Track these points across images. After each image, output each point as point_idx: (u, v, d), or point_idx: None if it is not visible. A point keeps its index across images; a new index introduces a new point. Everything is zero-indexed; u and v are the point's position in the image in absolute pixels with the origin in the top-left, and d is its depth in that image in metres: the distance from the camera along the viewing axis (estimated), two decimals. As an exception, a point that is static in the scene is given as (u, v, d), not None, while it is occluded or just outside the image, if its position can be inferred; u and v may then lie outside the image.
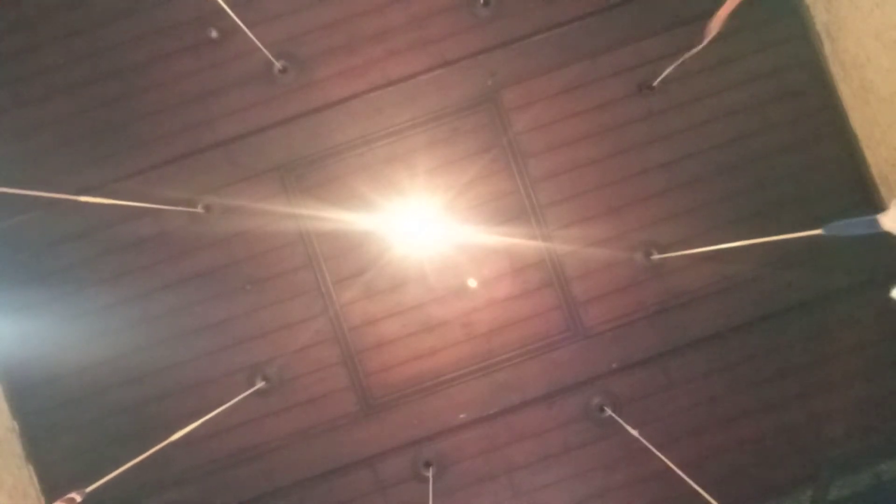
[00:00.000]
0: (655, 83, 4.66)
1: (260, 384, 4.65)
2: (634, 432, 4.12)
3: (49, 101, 4.74)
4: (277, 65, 4.67)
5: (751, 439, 4.79)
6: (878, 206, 4.78)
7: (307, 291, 4.77)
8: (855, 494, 4.74)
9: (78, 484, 2.67)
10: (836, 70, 4.76)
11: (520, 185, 4.81)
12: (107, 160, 4.74)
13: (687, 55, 4.00)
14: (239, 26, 3.75)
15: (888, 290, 4.67)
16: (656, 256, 4.71)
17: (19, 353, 4.66)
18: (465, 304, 4.82)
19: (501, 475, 4.77)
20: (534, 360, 4.77)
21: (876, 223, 2.31)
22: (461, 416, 4.75)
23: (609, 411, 4.66)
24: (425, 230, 4.80)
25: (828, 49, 4.75)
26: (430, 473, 4.60)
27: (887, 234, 2.38)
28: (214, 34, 4.69)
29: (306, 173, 4.81)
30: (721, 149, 4.83)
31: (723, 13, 3.24)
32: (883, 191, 4.71)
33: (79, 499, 2.46)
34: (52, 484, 4.61)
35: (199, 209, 4.69)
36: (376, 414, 4.75)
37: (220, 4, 3.26)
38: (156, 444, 3.20)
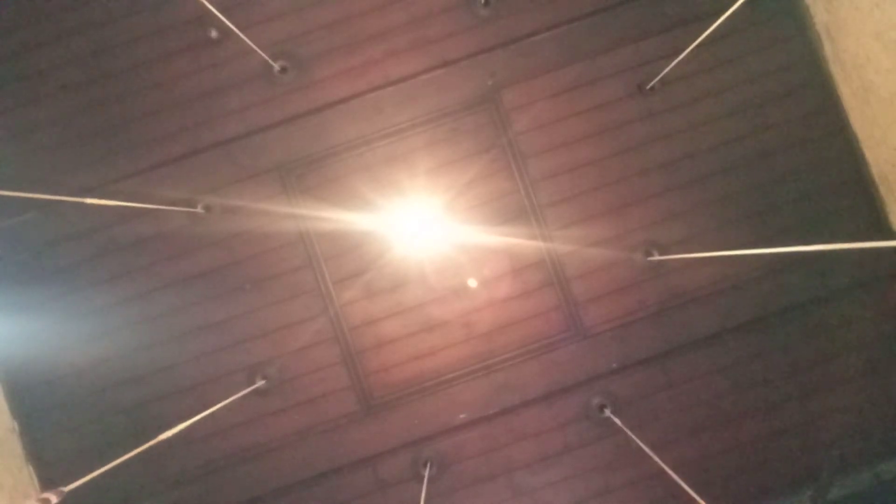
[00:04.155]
0: (654, 83, 4.67)
1: (260, 384, 4.65)
2: (631, 434, 4.13)
3: (49, 101, 4.75)
4: (277, 65, 4.67)
5: (751, 439, 4.79)
6: (879, 207, 4.78)
7: (307, 291, 4.77)
8: (855, 494, 4.74)
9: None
10: (836, 70, 4.76)
11: (520, 185, 4.81)
12: (107, 160, 4.74)
13: (687, 51, 4.00)
14: (240, 26, 3.75)
15: (889, 290, 4.67)
16: (656, 257, 4.71)
17: (19, 353, 4.66)
18: (465, 304, 4.82)
19: (501, 475, 4.77)
20: (534, 360, 4.77)
21: None
22: (461, 416, 4.75)
23: (609, 411, 4.66)
24: (425, 230, 4.80)
25: (828, 49, 4.76)
26: (425, 473, 4.60)
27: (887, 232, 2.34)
28: (214, 34, 4.70)
29: (306, 173, 4.81)
30: (721, 149, 4.83)
31: None
32: (883, 191, 4.72)
33: (55, 499, 2.40)
34: (52, 484, 4.61)
35: (199, 209, 4.69)
36: (376, 414, 4.75)
37: (222, 3, 3.26)
38: (155, 445, 3.20)
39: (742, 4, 3.18)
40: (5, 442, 4.48)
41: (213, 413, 4.66)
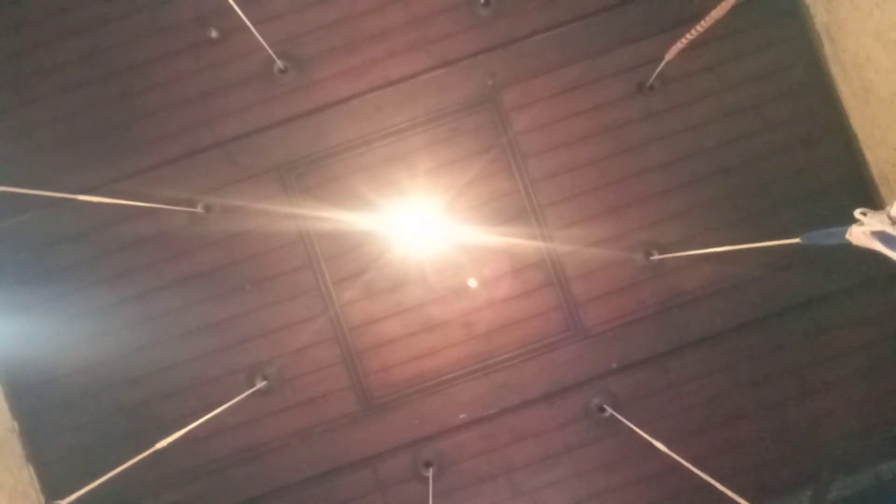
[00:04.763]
0: (653, 80, 4.65)
1: (260, 384, 4.65)
2: (640, 431, 4.11)
3: (49, 101, 4.74)
4: (278, 64, 4.67)
5: (751, 439, 4.79)
6: (879, 206, 4.77)
7: (307, 291, 4.77)
8: (855, 494, 4.74)
9: (77, 485, 2.67)
10: (836, 70, 4.76)
11: (520, 185, 4.81)
12: (107, 160, 4.74)
13: (686, 45, 3.98)
14: (240, 25, 3.75)
15: (889, 290, 4.66)
16: (656, 256, 4.71)
17: (19, 353, 4.66)
18: (465, 304, 4.82)
19: (501, 475, 4.77)
20: (534, 360, 4.77)
21: (845, 235, 2.27)
22: (461, 416, 4.75)
23: (609, 411, 4.66)
24: (425, 230, 4.80)
25: (828, 49, 4.76)
26: (430, 473, 4.60)
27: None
28: (214, 34, 4.69)
29: (306, 173, 4.81)
30: (721, 149, 4.83)
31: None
32: (883, 191, 4.71)
33: None
34: (52, 484, 4.61)
35: (199, 209, 4.69)
36: (376, 414, 4.75)
37: (222, 3, 3.26)
38: (155, 445, 3.20)
39: (742, 4, 3.18)
40: (5, 442, 4.48)
41: (213, 414, 4.65)
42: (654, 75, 4.58)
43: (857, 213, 2.14)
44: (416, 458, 4.73)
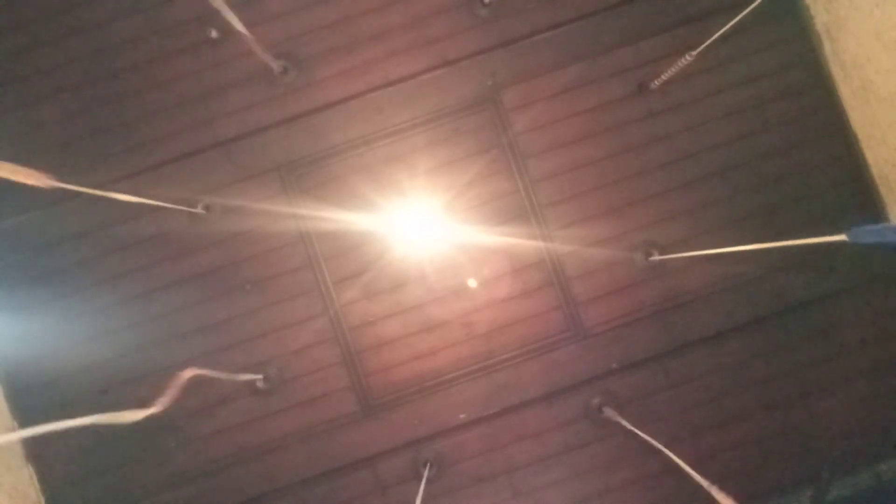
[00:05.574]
0: (655, 85, 4.66)
1: (257, 377, 4.64)
2: (639, 432, 4.11)
3: (49, 101, 4.75)
4: (277, 65, 4.66)
5: (751, 439, 4.79)
6: (878, 206, 4.78)
7: (307, 291, 4.77)
8: (855, 494, 4.74)
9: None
10: (836, 70, 4.76)
11: (520, 185, 4.81)
12: (106, 160, 4.74)
13: (687, 58, 4.00)
14: (240, 28, 3.75)
15: (890, 290, 4.66)
16: (656, 257, 4.70)
17: (19, 353, 4.65)
18: (465, 304, 4.82)
19: (501, 475, 4.77)
20: (534, 360, 4.77)
21: None
22: (461, 416, 4.75)
23: (609, 411, 4.66)
24: (425, 230, 4.80)
25: (828, 49, 4.76)
26: (424, 473, 4.60)
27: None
28: (214, 34, 4.70)
29: (306, 173, 4.81)
30: (721, 149, 4.83)
31: None
32: (883, 191, 4.71)
33: None
34: (52, 484, 4.61)
35: (199, 209, 4.69)
36: (376, 414, 4.75)
37: (219, 10, 3.25)
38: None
39: (743, 4, 3.18)
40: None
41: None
42: (662, 78, 4.57)
43: None
44: (416, 458, 4.73)
